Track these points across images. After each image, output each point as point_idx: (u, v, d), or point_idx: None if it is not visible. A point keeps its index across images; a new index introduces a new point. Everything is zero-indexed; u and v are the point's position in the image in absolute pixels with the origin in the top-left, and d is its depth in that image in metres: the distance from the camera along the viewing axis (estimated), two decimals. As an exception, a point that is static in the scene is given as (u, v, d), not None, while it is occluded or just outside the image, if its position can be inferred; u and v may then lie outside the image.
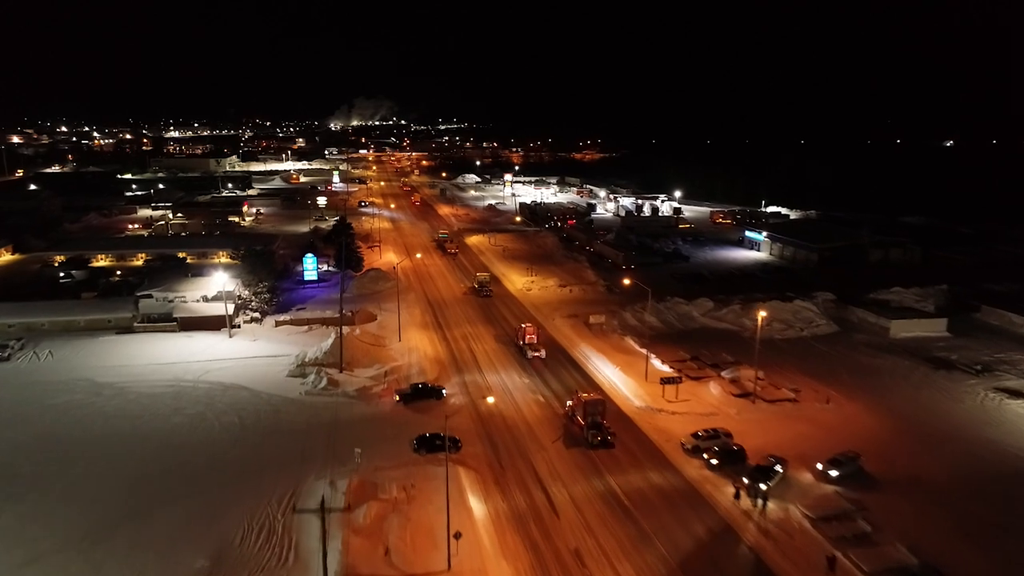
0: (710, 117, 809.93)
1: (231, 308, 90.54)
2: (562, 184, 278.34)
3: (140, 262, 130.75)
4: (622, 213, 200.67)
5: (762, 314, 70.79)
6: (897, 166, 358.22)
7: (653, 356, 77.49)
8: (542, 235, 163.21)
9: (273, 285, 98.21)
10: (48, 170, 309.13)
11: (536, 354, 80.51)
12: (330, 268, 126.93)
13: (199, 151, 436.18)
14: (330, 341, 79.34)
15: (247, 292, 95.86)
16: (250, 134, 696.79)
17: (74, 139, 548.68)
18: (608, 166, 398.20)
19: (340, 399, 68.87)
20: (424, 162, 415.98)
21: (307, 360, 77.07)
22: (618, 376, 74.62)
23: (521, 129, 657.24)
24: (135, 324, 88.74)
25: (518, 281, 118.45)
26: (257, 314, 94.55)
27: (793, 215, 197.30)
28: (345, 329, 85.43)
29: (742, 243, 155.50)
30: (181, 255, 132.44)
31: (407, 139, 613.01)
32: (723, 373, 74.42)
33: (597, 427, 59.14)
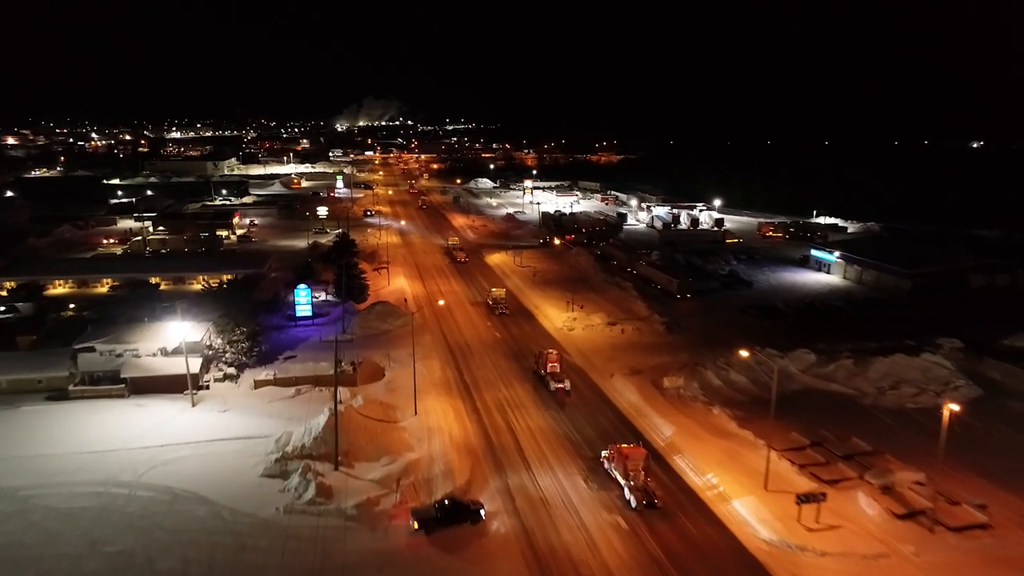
0: (711, 117, 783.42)
1: (197, 364, 70.06)
2: (575, 189, 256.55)
3: (105, 289, 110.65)
4: (657, 225, 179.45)
5: (952, 407, 49.04)
6: (941, 170, 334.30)
7: (762, 441, 56.81)
8: (573, 252, 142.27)
9: (253, 330, 77.60)
10: (31, 174, 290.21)
11: (560, 385, 69.87)
12: (329, 297, 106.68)
13: (197, 153, 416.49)
14: (322, 420, 58.57)
15: (220, 340, 75.24)
16: (254, 135, 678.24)
17: (70, 140, 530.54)
18: (626, 169, 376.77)
19: (333, 520, 48.13)
20: (433, 164, 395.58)
21: (290, 450, 56.42)
22: (723, 479, 53.59)
23: (527, 130, 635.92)
24: (71, 388, 68.22)
25: (556, 316, 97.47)
26: (232, 369, 73.96)
27: (851, 227, 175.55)
28: (343, 394, 65.09)
29: (807, 263, 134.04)
30: (154, 280, 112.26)
31: (415, 140, 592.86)
32: (869, 476, 53.26)
33: (640, 486, 50.68)
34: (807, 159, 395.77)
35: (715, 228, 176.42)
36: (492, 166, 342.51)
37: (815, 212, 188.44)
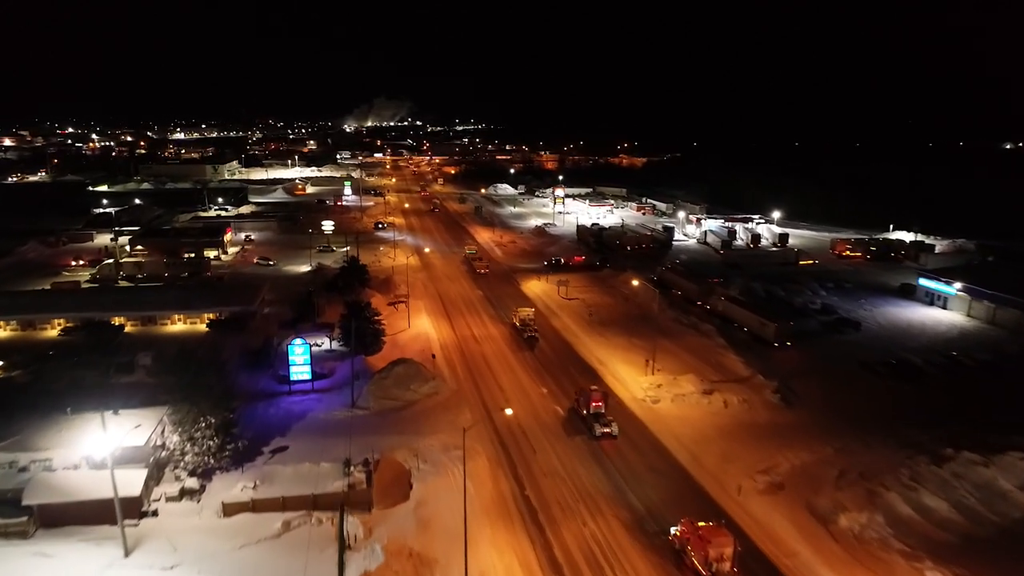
0: (725, 118, 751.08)
1: (139, 481, 47.64)
2: (606, 196, 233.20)
3: (56, 332, 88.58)
4: (712, 241, 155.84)
5: None
6: (995, 175, 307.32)
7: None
8: (623, 277, 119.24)
9: (227, 419, 54.88)
10: (9, 179, 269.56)
11: (606, 430, 61.12)
12: (335, 345, 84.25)
13: (196, 155, 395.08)
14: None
15: (178, 437, 52.65)
16: (259, 135, 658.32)
17: (68, 142, 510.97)
18: (652, 173, 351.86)
19: None
20: (447, 168, 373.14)
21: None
22: None
23: (537, 130, 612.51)
24: (-55, 523, 45.80)
25: (631, 379, 74.37)
26: (194, 480, 51.36)
27: (939, 245, 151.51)
28: (355, 528, 42.83)
29: (912, 294, 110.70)
30: (116, 321, 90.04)
31: (426, 141, 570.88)
32: None
33: None
34: (845, 163, 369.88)
35: (779, 245, 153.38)
36: (512, 170, 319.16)
37: (891, 226, 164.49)
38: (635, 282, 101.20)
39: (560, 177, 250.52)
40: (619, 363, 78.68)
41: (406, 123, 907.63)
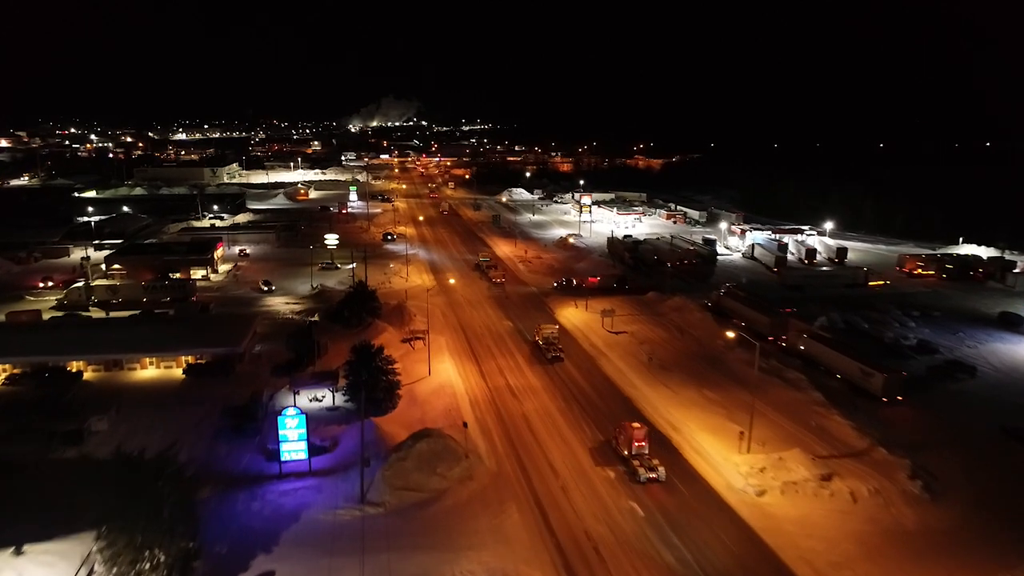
0: (737, 117, 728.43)
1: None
2: (623, 203, 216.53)
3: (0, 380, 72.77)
4: (762, 257, 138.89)
5: None
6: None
7: None
8: (672, 303, 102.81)
9: (185, 551, 38.66)
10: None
11: (652, 475, 52.23)
12: (339, 399, 68.35)
13: (196, 157, 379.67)
14: None
15: (116, 571, 36.44)
16: (262, 136, 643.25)
17: (66, 143, 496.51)
18: (672, 175, 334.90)
19: None
20: (456, 170, 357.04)
21: None
22: None
23: (545, 130, 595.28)
24: None
25: (722, 457, 57.58)
26: (133, 650, 35.17)
27: (1020, 262, 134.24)
28: None
29: (1019, 326, 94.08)
30: (74, 367, 74.14)
31: (434, 142, 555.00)
32: None
33: None
34: (873, 164, 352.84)
35: (837, 261, 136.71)
36: (527, 173, 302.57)
37: (960, 239, 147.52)
38: (730, 334, 78.75)
39: (581, 182, 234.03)
40: (697, 430, 62.07)
41: (412, 123, 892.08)
